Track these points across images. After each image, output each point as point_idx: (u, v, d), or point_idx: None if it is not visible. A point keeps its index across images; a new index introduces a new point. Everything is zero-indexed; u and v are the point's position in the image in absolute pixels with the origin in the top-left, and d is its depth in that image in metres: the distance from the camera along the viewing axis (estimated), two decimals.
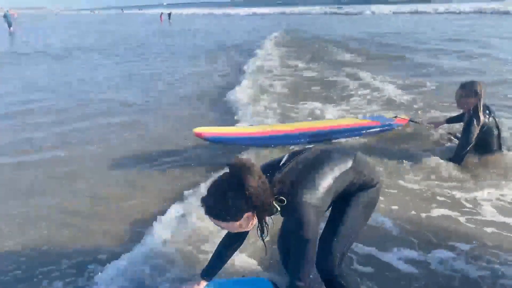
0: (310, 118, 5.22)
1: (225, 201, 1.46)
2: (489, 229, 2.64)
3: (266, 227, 1.61)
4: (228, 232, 1.83)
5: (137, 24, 31.57)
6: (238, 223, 1.51)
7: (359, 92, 6.65)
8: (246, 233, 1.83)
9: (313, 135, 4.29)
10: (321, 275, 1.80)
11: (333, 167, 1.69)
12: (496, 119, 3.56)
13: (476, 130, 3.46)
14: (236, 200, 1.45)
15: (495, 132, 3.55)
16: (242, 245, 1.91)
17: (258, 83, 7.51)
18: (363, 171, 1.78)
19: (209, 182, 1.54)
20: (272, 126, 4.61)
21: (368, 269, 2.25)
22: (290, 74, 8.73)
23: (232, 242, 1.86)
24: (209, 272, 1.89)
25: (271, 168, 1.64)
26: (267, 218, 1.61)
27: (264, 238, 1.62)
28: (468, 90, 3.44)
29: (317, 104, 5.85)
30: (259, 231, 1.61)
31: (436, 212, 2.87)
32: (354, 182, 1.76)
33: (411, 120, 4.64)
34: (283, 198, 1.53)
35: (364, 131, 4.39)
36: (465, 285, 2.12)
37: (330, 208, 1.83)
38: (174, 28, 27.06)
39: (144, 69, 10.04)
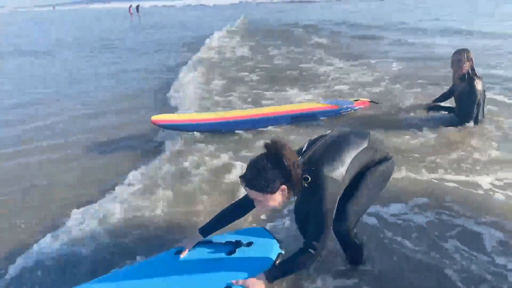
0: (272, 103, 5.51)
1: (265, 173, 1.65)
2: (450, 185, 3.07)
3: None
4: (240, 200, 2.05)
5: (107, 20, 30.83)
6: (274, 195, 1.69)
7: (328, 77, 7.05)
8: (251, 208, 1.98)
9: (273, 119, 4.50)
10: (338, 237, 2.04)
11: (351, 148, 1.89)
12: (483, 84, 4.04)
13: (479, 90, 3.94)
14: (275, 172, 1.65)
15: (482, 98, 4.02)
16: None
17: (220, 72, 7.85)
18: (378, 148, 2.03)
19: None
20: (232, 112, 4.80)
21: None
22: (260, 61, 9.03)
23: (240, 209, 2.04)
24: (206, 230, 2.05)
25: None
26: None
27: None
28: (464, 56, 3.96)
29: (287, 90, 6.18)
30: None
31: (402, 174, 3.26)
32: (371, 159, 1.98)
33: (371, 101, 5.03)
34: (307, 176, 1.72)
35: (320, 115, 4.63)
36: (413, 232, 2.53)
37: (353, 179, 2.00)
38: (145, 22, 26.59)
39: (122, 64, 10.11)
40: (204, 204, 3.03)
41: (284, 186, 1.70)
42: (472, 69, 4.00)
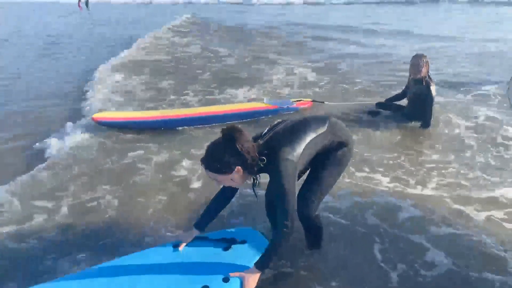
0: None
1: (221, 156, 1.83)
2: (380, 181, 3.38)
3: (257, 179, 2.02)
4: (220, 190, 2.22)
5: (55, 14, 29.20)
6: (230, 175, 1.87)
7: (275, 77, 7.24)
8: (235, 192, 2.20)
9: (215, 118, 4.61)
10: (302, 220, 2.20)
11: (310, 131, 2.03)
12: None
13: (434, 94, 4.20)
14: (230, 155, 1.82)
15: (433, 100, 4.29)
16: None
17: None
18: (337, 133, 2.14)
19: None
20: (176, 111, 4.87)
21: None
22: (209, 60, 9.11)
23: (223, 199, 2.22)
24: (201, 223, 2.21)
25: (255, 138, 2.01)
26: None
27: (255, 188, 2.05)
28: (422, 60, 4.16)
29: (233, 90, 6.31)
30: (252, 182, 2.01)
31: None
32: (329, 143, 2.11)
33: (314, 101, 5.26)
34: (263, 158, 1.90)
35: (260, 115, 4.81)
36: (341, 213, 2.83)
37: (310, 164, 2.18)
38: (96, 17, 25.35)
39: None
40: (155, 199, 3.14)
41: (239, 168, 1.86)
42: (428, 74, 4.25)
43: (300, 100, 5.23)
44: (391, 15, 19.90)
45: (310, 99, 5.38)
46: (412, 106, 4.52)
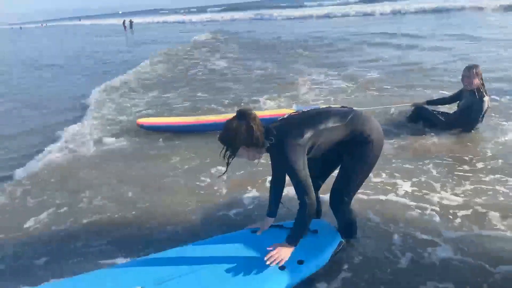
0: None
1: (228, 133, 2.02)
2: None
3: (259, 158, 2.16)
4: (272, 180, 2.43)
5: (104, 35, 31.16)
6: (240, 151, 2.07)
7: (306, 85, 7.35)
8: (284, 176, 2.31)
9: None
10: (335, 214, 2.39)
11: (326, 120, 2.13)
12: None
13: (486, 107, 4.06)
14: (235, 133, 2.00)
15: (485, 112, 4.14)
16: None
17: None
18: (359, 127, 2.15)
19: None
20: (212, 116, 5.31)
21: None
22: (241, 71, 9.52)
23: (278, 185, 2.42)
24: (271, 211, 2.47)
25: (273, 120, 2.21)
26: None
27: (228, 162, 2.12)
28: (473, 72, 4.00)
29: (263, 98, 6.55)
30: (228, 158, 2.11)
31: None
32: (349, 136, 2.16)
33: (343, 107, 5.28)
34: (272, 137, 2.06)
35: None
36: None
37: (342, 162, 2.30)
38: (140, 37, 26.46)
39: None
40: (183, 200, 3.39)
41: (243, 146, 2.05)
42: (483, 84, 4.07)
43: (329, 107, 5.26)
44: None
45: (339, 105, 5.39)
46: (460, 115, 4.32)
